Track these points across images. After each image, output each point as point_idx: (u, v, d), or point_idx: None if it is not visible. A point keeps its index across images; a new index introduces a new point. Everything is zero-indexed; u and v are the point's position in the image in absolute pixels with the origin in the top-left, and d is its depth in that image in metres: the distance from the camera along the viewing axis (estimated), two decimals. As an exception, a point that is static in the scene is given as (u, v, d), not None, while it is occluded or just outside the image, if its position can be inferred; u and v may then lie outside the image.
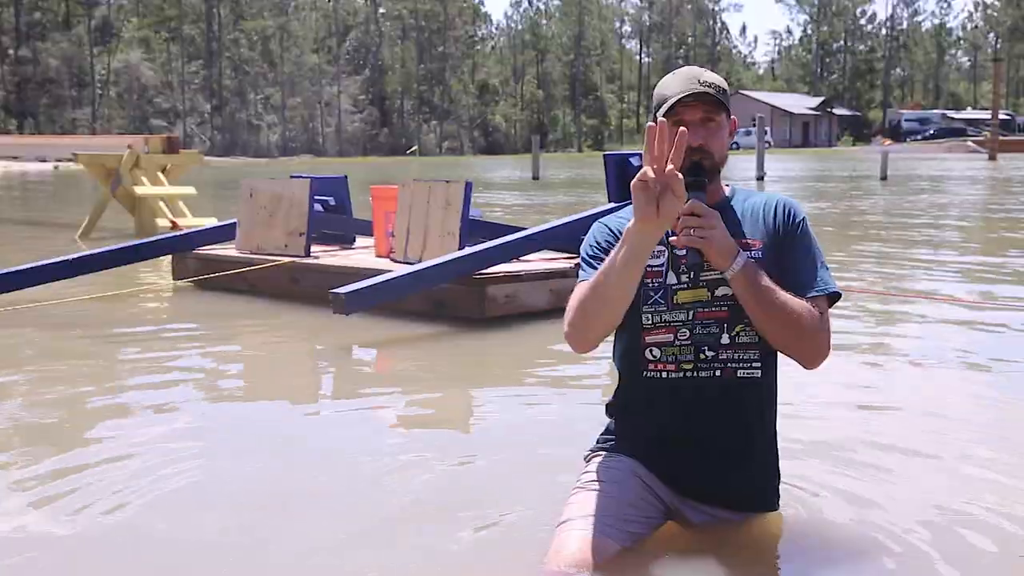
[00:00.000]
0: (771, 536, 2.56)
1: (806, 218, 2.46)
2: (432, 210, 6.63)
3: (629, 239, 2.17)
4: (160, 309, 7.34)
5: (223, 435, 3.88)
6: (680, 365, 2.39)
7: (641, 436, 2.47)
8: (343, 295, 5.56)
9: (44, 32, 78.54)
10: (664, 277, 2.39)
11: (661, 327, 2.40)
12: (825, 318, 2.38)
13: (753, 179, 28.56)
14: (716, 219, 2.25)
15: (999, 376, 4.82)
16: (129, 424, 4.01)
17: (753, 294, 2.29)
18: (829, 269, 2.46)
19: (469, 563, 2.56)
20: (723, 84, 2.40)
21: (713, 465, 2.42)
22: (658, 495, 2.45)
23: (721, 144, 2.38)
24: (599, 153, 55.67)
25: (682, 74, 2.39)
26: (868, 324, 6.16)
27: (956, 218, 15.54)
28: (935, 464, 3.32)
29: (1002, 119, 59.34)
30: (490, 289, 6.05)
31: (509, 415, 4.16)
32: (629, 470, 2.44)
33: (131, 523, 2.86)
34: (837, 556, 2.55)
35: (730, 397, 2.39)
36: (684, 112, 2.34)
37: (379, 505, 2.96)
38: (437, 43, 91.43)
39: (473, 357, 5.37)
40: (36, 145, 29.42)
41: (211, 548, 2.69)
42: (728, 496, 2.47)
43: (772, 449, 2.53)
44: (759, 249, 2.39)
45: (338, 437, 3.87)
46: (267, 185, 7.71)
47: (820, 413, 3.92)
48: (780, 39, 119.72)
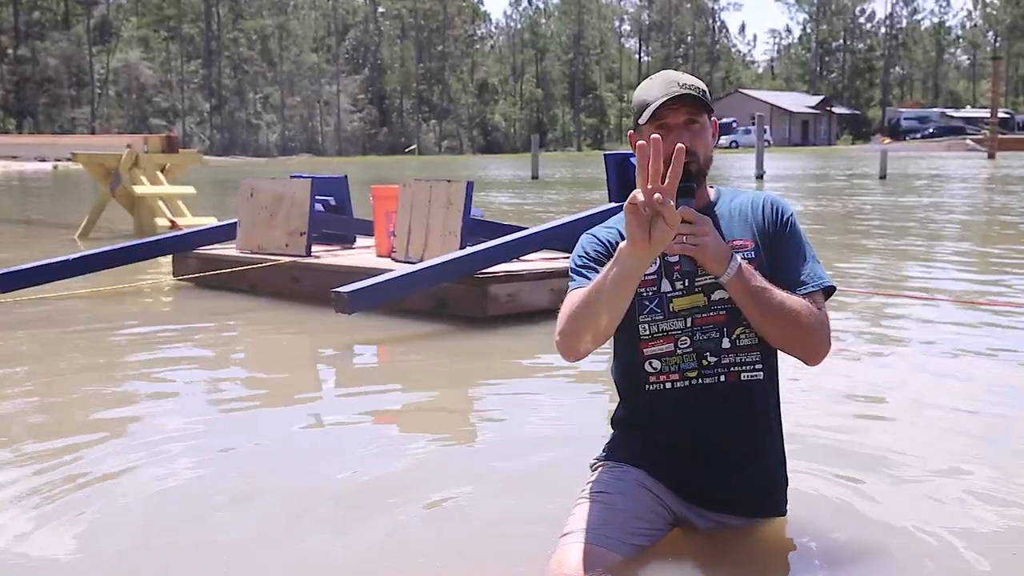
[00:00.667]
0: (778, 541, 2.53)
1: (794, 214, 2.45)
2: (433, 209, 6.63)
3: (621, 260, 2.10)
4: (160, 308, 7.34)
5: (224, 434, 3.87)
6: (684, 374, 2.37)
7: (648, 446, 2.44)
8: (345, 294, 5.57)
9: (43, 31, 78.53)
10: (658, 286, 2.37)
11: (660, 337, 2.37)
12: (823, 313, 2.36)
13: (752, 178, 28.60)
14: (708, 225, 2.22)
15: (1001, 376, 4.79)
16: (129, 422, 4.01)
17: (750, 297, 2.26)
18: (821, 263, 2.43)
19: (468, 566, 2.55)
20: (703, 86, 2.37)
21: (721, 470, 2.40)
22: (666, 504, 2.42)
23: (706, 146, 2.35)
24: (598, 152, 55.43)
25: (660, 78, 2.36)
26: (867, 324, 6.17)
27: (956, 217, 15.53)
28: (940, 466, 3.30)
29: (1001, 117, 59.32)
30: (492, 288, 6.06)
31: (510, 414, 4.16)
32: (636, 481, 2.41)
33: (131, 521, 2.86)
34: (842, 561, 2.53)
35: (736, 401, 2.37)
36: (667, 116, 2.31)
37: (378, 504, 2.96)
38: (436, 42, 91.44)
39: (475, 356, 5.38)
40: (35, 145, 29.42)
41: (212, 547, 2.69)
42: (737, 501, 2.44)
43: (779, 451, 2.50)
44: (750, 249, 2.37)
45: (339, 435, 3.87)
46: (268, 185, 7.71)
47: (819, 414, 3.91)
48: (779, 38, 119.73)
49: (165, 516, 2.91)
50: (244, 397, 4.61)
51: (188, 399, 4.49)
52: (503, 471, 3.30)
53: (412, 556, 2.61)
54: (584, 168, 43.47)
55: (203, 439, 3.76)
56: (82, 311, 6.81)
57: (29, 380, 4.85)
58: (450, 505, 2.94)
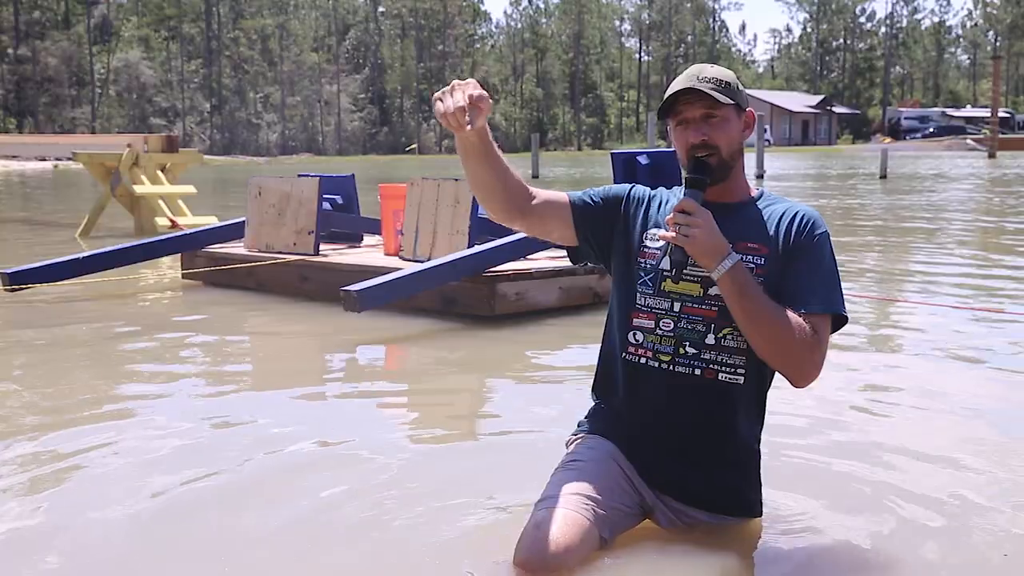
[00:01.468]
0: (749, 542, 2.51)
1: (826, 233, 2.37)
2: (441, 208, 6.66)
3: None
4: (168, 306, 7.37)
5: (231, 430, 3.89)
6: (657, 354, 2.37)
7: (621, 421, 2.46)
8: (355, 293, 5.59)
9: (43, 31, 78.51)
10: (658, 261, 2.39)
11: (645, 311, 2.39)
12: (820, 338, 2.28)
13: (753, 177, 28.62)
14: (705, 219, 2.22)
15: (994, 378, 4.73)
16: (135, 419, 4.01)
17: (738, 299, 2.24)
18: (843, 292, 2.36)
19: (472, 559, 2.53)
20: (728, 78, 2.36)
21: (688, 462, 2.39)
22: (634, 485, 2.43)
23: (728, 138, 2.35)
24: (599, 152, 55.20)
25: (685, 73, 2.38)
26: (864, 325, 6.18)
27: (956, 217, 15.56)
28: (927, 468, 3.27)
29: (1001, 117, 59.36)
30: (500, 286, 6.09)
31: (518, 412, 4.18)
32: (608, 454, 2.43)
33: (134, 520, 2.86)
34: (815, 564, 2.51)
35: (708, 398, 2.35)
36: (685, 110, 2.33)
37: (380, 505, 2.94)
38: (437, 41, 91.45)
39: (483, 354, 5.40)
40: (35, 144, 29.34)
41: (213, 547, 2.68)
42: (703, 496, 2.43)
43: (753, 452, 2.47)
44: (763, 255, 2.33)
45: (348, 433, 3.88)
46: (276, 184, 7.74)
47: (806, 414, 3.87)
48: (780, 37, 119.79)
49: (167, 513, 2.91)
50: (250, 394, 4.61)
51: (195, 395, 4.51)
52: (511, 469, 3.30)
53: (414, 555, 2.59)
54: (584, 167, 43.49)
55: (208, 435, 3.78)
56: (91, 309, 6.84)
57: (35, 374, 4.87)
58: (453, 504, 2.93)
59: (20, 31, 76.98)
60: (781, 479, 2.93)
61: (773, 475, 2.70)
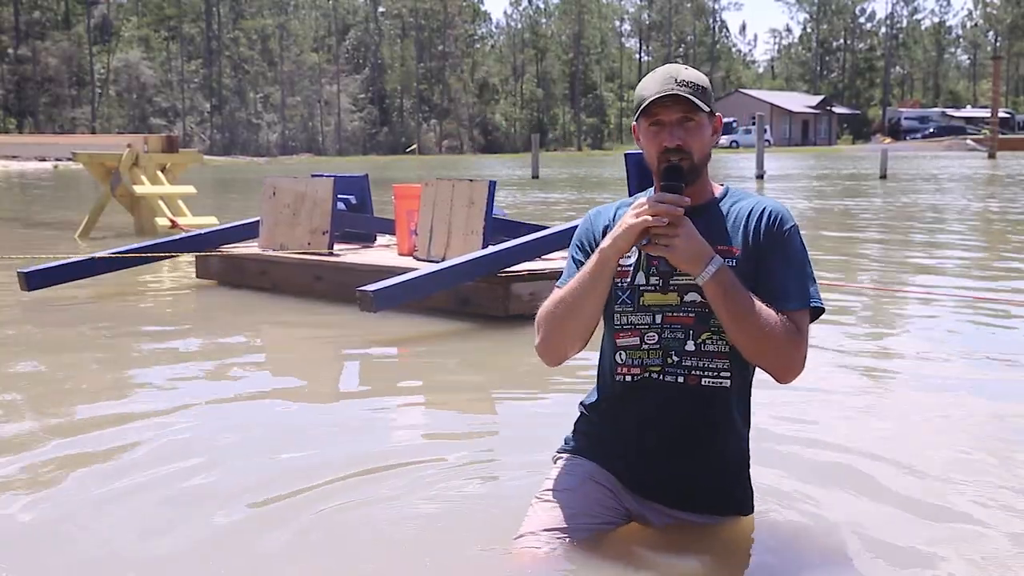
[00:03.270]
0: (741, 540, 2.52)
1: (795, 227, 2.37)
2: (456, 209, 6.73)
3: (598, 255, 2.26)
4: (183, 306, 7.43)
5: (245, 430, 3.91)
6: (646, 367, 2.36)
7: (605, 438, 2.46)
8: (371, 293, 5.64)
9: (43, 31, 78.42)
10: (632, 278, 2.37)
11: (628, 329, 2.37)
12: (802, 332, 2.30)
13: (753, 177, 28.66)
14: (684, 227, 2.21)
15: (990, 377, 4.73)
16: (147, 421, 4.01)
17: (723, 302, 2.23)
18: (816, 282, 2.37)
19: (478, 564, 2.55)
20: (702, 82, 2.33)
21: (676, 468, 2.40)
22: (617, 498, 2.44)
23: (701, 143, 2.32)
24: (599, 152, 54.93)
25: (660, 73, 2.33)
26: (860, 323, 6.21)
27: (956, 216, 15.60)
28: (919, 469, 3.25)
29: (1001, 117, 59.38)
30: (514, 287, 6.14)
31: (531, 412, 4.22)
32: (587, 475, 2.44)
33: (140, 519, 2.89)
34: (810, 561, 2.53)
35: (693, 403, 2.35)
36: (661, 112, 2.29)
37: (384, 504, 2.95)
38: (437, 42, 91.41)
39: (496, 353, 5.45)
40: (35, 144, 29.36)
41: (215, 546, 2.70)
42: (694, 499, 2.44)
43: (742, 452, 2.48)
44: (734, 256, 2.32)
45: (360, 433, 3.90)
46: (290, 184, 7.80)
47: (795, 411, 3.88)
48: (780, 37, 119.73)
49: (175, 513, 2.93)
50: (265, 393, 4.64)
51: (206, 396, 4.51)
52: (521, 469, 3.30)
53: (418, 555, 2.61)
54: (584, 167, 43.51)
55: (221, 434, 3.82)
56: (106, 309, 6.90)
57: (48, 373, 4.93)
58: (461, 504, 2.95)
59: (20, 31, 76.94)
60: (772, 475, 2.96)
61: (764, 472, 2.70)
